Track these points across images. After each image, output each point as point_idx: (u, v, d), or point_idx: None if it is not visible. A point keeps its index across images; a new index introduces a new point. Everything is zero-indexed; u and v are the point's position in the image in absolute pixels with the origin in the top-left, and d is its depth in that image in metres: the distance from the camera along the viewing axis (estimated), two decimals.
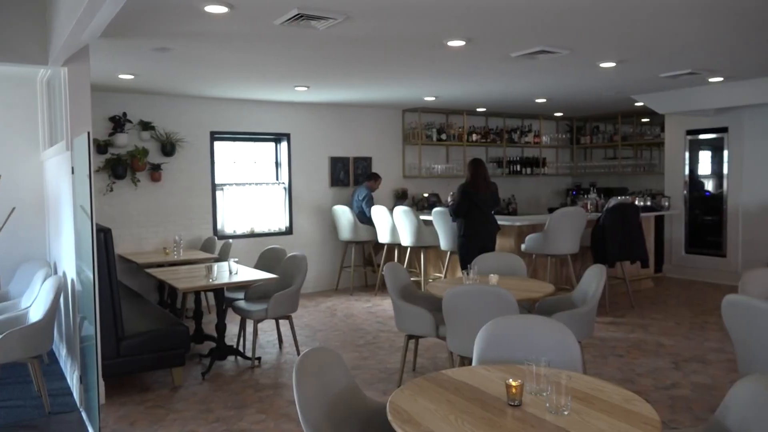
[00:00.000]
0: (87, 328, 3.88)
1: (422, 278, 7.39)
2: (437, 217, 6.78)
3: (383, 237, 7.66)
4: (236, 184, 7.72)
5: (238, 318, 5.54)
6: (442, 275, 7.15)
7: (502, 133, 9.65)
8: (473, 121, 9.46)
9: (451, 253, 6.82)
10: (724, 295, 3.24)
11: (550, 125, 10.55)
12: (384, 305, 7.10)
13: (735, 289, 3.68)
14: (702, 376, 4.49)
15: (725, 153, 8.07)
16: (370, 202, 7.83)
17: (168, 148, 6.96)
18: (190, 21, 3.87)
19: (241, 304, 5.10)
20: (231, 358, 5.09)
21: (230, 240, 6.89)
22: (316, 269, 8.07)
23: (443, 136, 8.89)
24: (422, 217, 7.27)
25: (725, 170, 8.07)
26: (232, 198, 7.68)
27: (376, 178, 8.06)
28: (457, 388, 2.23)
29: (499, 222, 6.77)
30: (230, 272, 4.89)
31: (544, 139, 10.16)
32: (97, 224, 3.97)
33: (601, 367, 4.74)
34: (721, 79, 6.58)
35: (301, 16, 3.75)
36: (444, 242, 6.80)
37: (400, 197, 8.70)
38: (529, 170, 9.90)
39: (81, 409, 4.07)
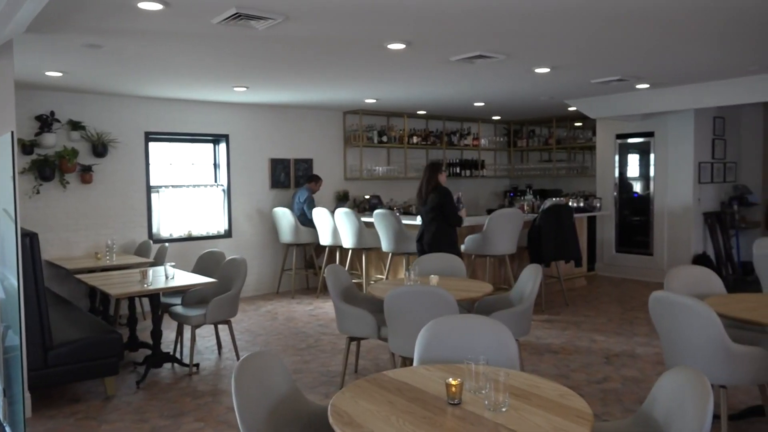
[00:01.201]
0: (11, 338, 3.67)
1: (364, 280, 7.40)
2: (379, 218, 6.81)
3: (324, 239, 7.62)
4: (173, 186, 7.51)
5: (174, 324, 5.38)
6: (384, 276, 7.18)
7: (442, 136, 9.79)
8: (414, 124, 9.55)
9: (393, 254, 6.87)
10: (651, 292, 3.40)
11: (488, 128, 10.78)
12: (326, 308, 7.07)
13: (661, 285, 3.87)
14: (631, 370, 4.69)
15: (652, 156, 8.48)
16: (311, 204, 7.78)
17: (99, 148, 6.70)
18: (123, 17, 3.74)
19: (178, 309, 4.97)
20: (167, 365, 4.94)
21: (166, 244, 6.69)
22: (257, 272, 7.95)
23: (384, 139, 8.94)
24: (364, 219, 7.28)
25: (652, 173, 8.48)
26: (168, 200, 7.46)
27: (317, 180, 8.02)
28: (398, 388, 2.24)
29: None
30: (166, 277, 4.75)
31: (483, 141, 10.38)
32: (22, 228, 3.77)
33: (537, 364, 4.88)
34: (647, 86, 6.91)
35: (240, 16, 3.69)
36: (386, 244, 6.83)
37: (342, 199, 8.69)
38: (468, 172, 10.08)
39: (5, 424, 3.85)
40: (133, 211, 7.05)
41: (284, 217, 7.78)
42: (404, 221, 6.86)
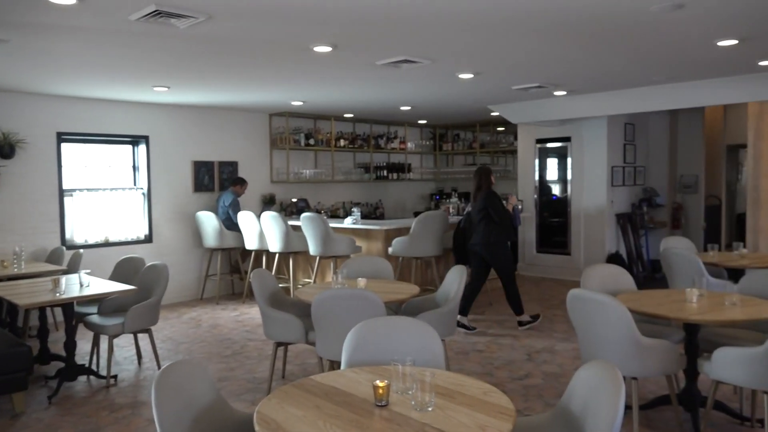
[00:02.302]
0: None
1: (291, 284, 7.32)
2: (306, 222, 6.75)
3: (250, 243, 7.48)
4: (88, 190, 7.15)
5: (90, 334, 5.12)
6: (312, 280, 7.13)
7: (369, 139, 9.84)
8: (341, 127, 9.55)
9: (321, 258, 6.83)
10: (569, 290, 3.55)
11: (414, 132, 10.93)
12: (252, 313, 6.93)
13: (578, 284, 4.05)
14: (551, 366, 4.88)
15: (569, 160, 8.87)
16: (237, 208, 7.62)
17: (6, 149, 6.28)
18: (33, 11, 3.53)
19: (94, 318, 4.73)
20: (82, 378, 4.70)
21: (81, 250, 6.35)
22: (179, 279, 7.70)
23: (311, 141, 8.88)
24: (291, 223, 7.20)
25: (569, 176, 8.87)
26: (83, 205, 7.10)
27: (242, 183, 7.86)
28: (325, 392, 2.23)
29: (368, 227, 6.93)
30: (81, 285, 4.51)
31: (410, 145, 10.51)
32: None
33: (463, 363, 4.99)
34: (564, 92, 7.22)
35: (160, 13, 3.56)
36: (313, 247, 6.78)
37: (268, 202, 8.56)
38: (395, 175, 10.18)
39: None
40: (43, 216, 6.66)
41: (208, 221, 7.58)
42: (332, 224, 6.84)
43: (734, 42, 4.64)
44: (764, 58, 5.31)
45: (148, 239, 7.56)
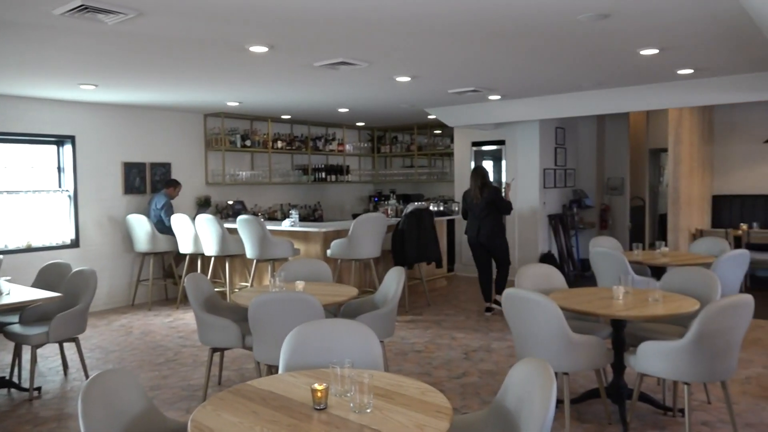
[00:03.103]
0: None
1: (227, 288, 7.17)
2: (243, 225, 6.63)
3: (185, 247, 7.28)
4: (8, 192, 6.76)
5: (11, 344, 4.84)
6: (249, 284, 7.01)
7: (307, 141, 9.78)
8: (278, 128, 9.44)
9: (258, 261, 6.73)
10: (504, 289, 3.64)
11: (353, 134, 10.94)
12: (186, 319, 6.75)
13: (512, 283, 4.16)
14: (488, 364, 4.99)
15: (503, 163, 9.10)
16: (170, 211, 7.40)
17: None
18: None
19: (15, 328, 4.48)
20: (2, 391, 4.44)
21: (0, 256, 6.01)
22: (108, 284, 7.41)
23: (248, 143, 8.73)
24: (227, 225, 7.06)
25: (504, 178, 9.09)
26: (2, 208, 6.70)
27: (175, 185, 7.64)
28: (262, 398, 2.20)
29: (306, 229, 6.89)
30: (0, 293, 4.26)
31: (348, 147, 10.51)
32: None
33: (402, 363, 5.03)
34: (498, 97, 7.41)
35: (86, 8, 3.42)
36: (250, 250, 6.67)
37: (203, 205, 8.36)
38: (333, 177, 10.15)
39: None
40: None
41: (140, 224, 7.33)
42: (269, 227, 6.75)
43: (655, 51, 4.89)
44: (682, 67, 5.63)
45: (75, 244, 7.23)
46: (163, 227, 7.39)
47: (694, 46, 4.78)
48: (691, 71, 5.84)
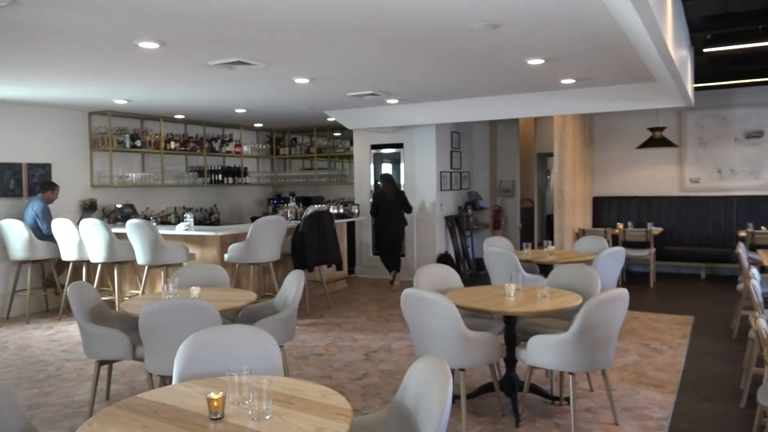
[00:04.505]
0: None
1: (116, 297, 6.78)
2: (133, 229, 6.30)
3: (68, 254, 6.80)
4: None
5: None
6: (140, 291, 6.67)
7: (202, 142, 9.45)
8: (171, 128, 9.05)
9: (150, 267, 6.42)
10: (403, 290, 3.71)
11: (250, 135, 10.71)
12: (70, 331, 6.30)
13: (412, 284, 4.25)
14: (388, 364, 5.06)
15: (402, 166, 9.28)
16: (47, 216, 6.88)
17: None
18: None
19: None
20: None
21: None
22: None
23: (138, 143, 8.30)
24: (115, 230, 6.67)
25: (402, 181, 9.27)
26: None
27: (52, 187, 7.09)
28: (154, 410, 2.10)
29: (202, 233, 6.67)
30: None
31: (245, 149, 10.28)
32: None
33: (302, 367, 4.99)
34: (396, 101, 7.54)
35: None
36: (141, 256, 6.34)
37: (89, 209, 7.83)
38: (231, 179, 9.89)
39: None
40: None
41: (15, 230, 6.75)
42: (162, 231, 6.46)
43: (541, 61, 5.19)
44: (565, 76, 6.01)
45: None
46: (40, 233, 6.85)
47: (576, 58, 5.12)
48: (573, 81, 6.25)
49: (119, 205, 8.10)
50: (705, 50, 6.05)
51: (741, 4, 4.94)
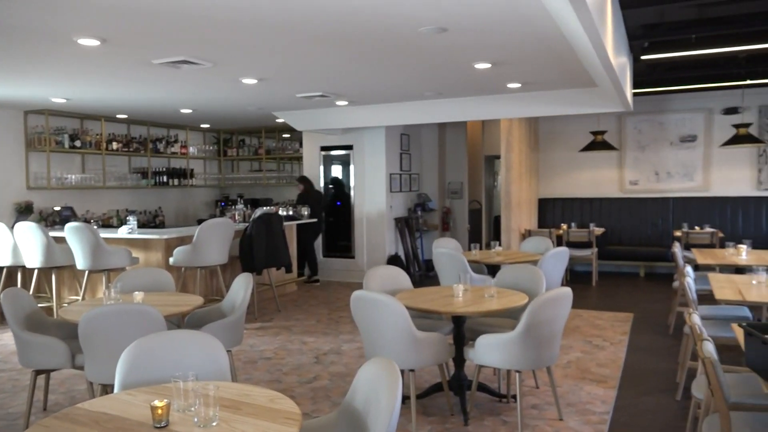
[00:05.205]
0: None
1: (54, 303, 6.51)
2: (72, 233, 6.06)
3: (2, 259, 6.49)
4: None
5: None
6: (80, 297, 6.43)
7: (146, 143, 9.19)
8: (113, 128, 8.77)
9: (90, 272, 6.19)
10: (353, 292, 3.71)
11: (197, 136, 10.49)
12: (4, 339, 6.01)
13: (361, 285, 4.25)
14: (338, 366, 5.04)
15: (351, 167, 9.28)
16: None
17: None
18: None
19: None
20: None
21: None
22: None
23: (78, 144, 8.00)
24: (53, 234, 6.41)
25: (352, 183, 9.27)
26: None
27: None
28: (95, 420, 2.03)
29: (146, 236, 6.50)
30: None
31: (192, 150, 10.06)
32: None
33: (251, 372, 4.92)
34: (346, 103, 7.54)
35: None
36: (81, 261, 6.11)
37: (24, 211, 7.49)
38: (176, 181, 9.65)
39: None
40: None
41: None
42: (104, 235, 6.25)
43: (488, 66, 5.29)
44: (512, 81, 6.14)
45: None
46: None
47: (522, 63, 5.24)
48: (519, 85, 6.39)
49: (57, 208, 7.79)
50: (643, 57, 6.30)
51: (676, 14, 5.16)
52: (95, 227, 6.27)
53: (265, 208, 7.78)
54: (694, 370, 3.93)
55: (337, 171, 9.51)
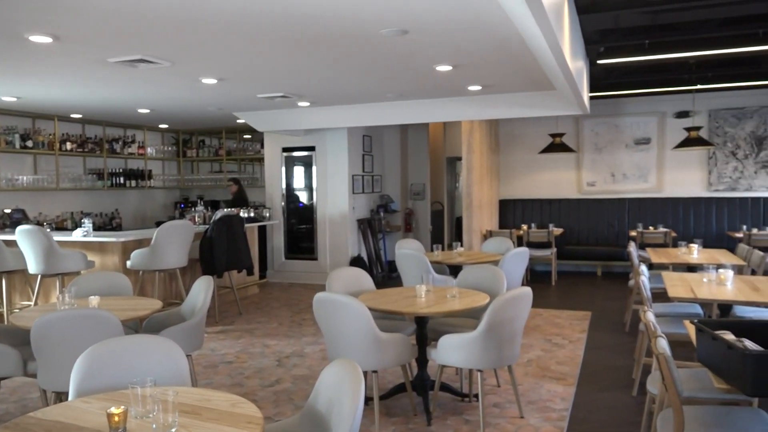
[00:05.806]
0: None
1: (5, 309, 6.28)
2: (23, 236, 5.86)
3: None
4: None
5: None
6: (32, 303, 6.22)
7: (102, 143, 8.96)
8: (67, 128, 8.52)
9: (43, 276, 6.00)
10: (315, 294, 3.69)
11: (155, 137, 10.28)
12: None
13: (324, 287, 4.23)
14: (301, 369, 5.01)
15: (314, 169, 9.23)
16: None
17: None
18: None
19: None
20: None
21: None
22: None
23: (29, 144, 7.74)
24: (3, 237, 6.19)
25: (314, 184, 9.23)
26: None
27: None
28: (48, 430, 1.96)
29: (102, 239, 6.34)
30: None
31: (150, 150, 9.85)
32: None
33: (212, 376, 4.84)
34: (308, 104, 7.50)
35: None
36: (33, 265, 5.91)
37: None
38: (133, 183, 9.44)
39: None
40: None
41: None
42: (57, 238, 6.06)
43: (449, 68, 5.34)
44: (472, 83, 6.21)
45: None
46: None
47: (482, 66, 5.31)
48: (479, 88, 6.47)
49: (8, 210, 7.51)
50: (599, 62, 6.46)
51: (631, 20, 5.31)
52: (48, 230, 6.09)
53: (225, 209, 7.68)
54: (649, 366, 4.04)
55: (299, 172, 9.45)
